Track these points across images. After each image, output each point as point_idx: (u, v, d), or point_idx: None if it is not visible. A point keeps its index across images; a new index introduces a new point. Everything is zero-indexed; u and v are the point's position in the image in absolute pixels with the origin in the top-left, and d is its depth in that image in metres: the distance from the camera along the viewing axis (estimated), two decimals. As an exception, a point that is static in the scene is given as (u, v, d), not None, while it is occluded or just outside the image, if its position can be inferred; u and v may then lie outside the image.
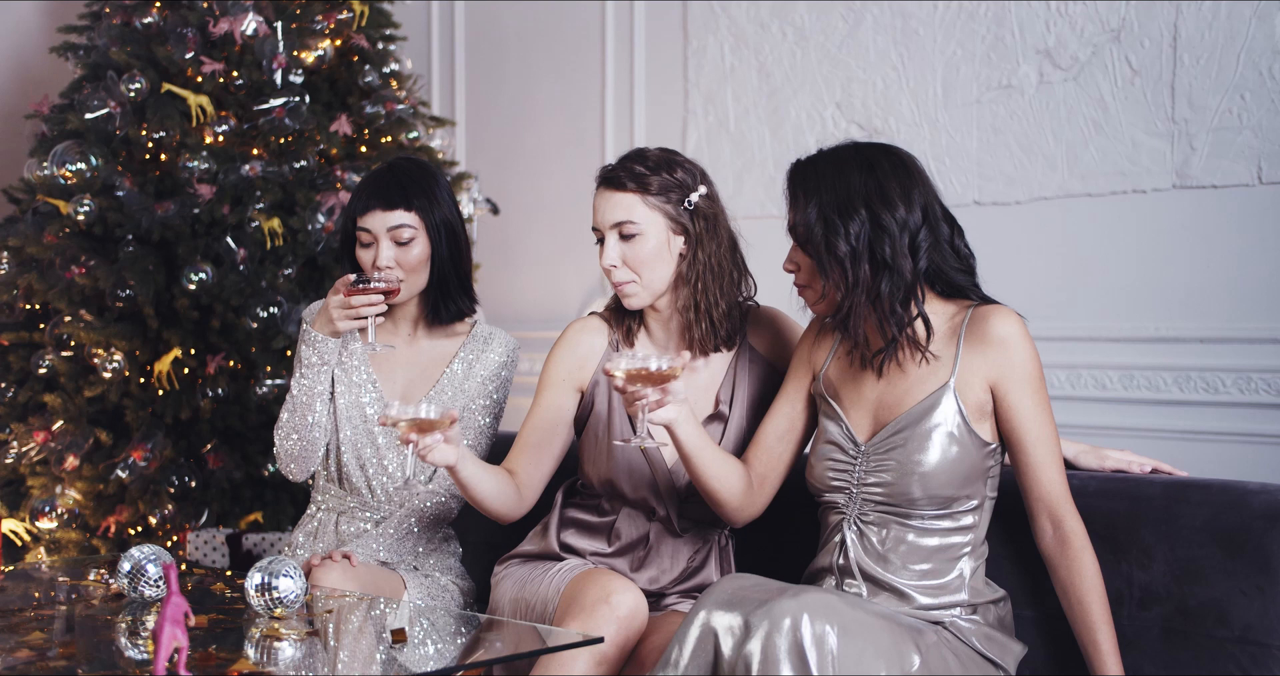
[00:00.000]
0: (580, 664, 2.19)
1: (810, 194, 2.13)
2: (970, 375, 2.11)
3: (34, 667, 1.85)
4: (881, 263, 2.09)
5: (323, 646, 1.97)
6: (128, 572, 2.21)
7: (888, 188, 2.11)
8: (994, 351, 2.10)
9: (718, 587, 2.03)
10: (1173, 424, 3.18)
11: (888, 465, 2.12)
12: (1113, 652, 2.06)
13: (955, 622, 2.10)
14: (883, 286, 2.09)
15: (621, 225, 2.34)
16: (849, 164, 2.14)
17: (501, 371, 2.71)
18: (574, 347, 2.48)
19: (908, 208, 2.11)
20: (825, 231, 2.10)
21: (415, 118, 3.96)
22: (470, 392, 2.67)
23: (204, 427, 3.58)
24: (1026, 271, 3.39)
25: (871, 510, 2.14)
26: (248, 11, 3.66)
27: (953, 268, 2.15)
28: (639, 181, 2.34)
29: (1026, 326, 2.12)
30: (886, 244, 2.09)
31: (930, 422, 2.10)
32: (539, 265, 4.65)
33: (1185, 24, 3.16)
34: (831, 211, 2.10)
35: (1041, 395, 2.11)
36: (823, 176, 2.14)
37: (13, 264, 3.72)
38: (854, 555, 2.14)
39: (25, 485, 3.68)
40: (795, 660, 1.86)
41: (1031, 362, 2.10)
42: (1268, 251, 3.05)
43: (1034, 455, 2.10)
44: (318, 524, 2.70)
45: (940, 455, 2.09)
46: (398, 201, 2.58)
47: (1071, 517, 2.10)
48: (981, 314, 2.13)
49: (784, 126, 3.92)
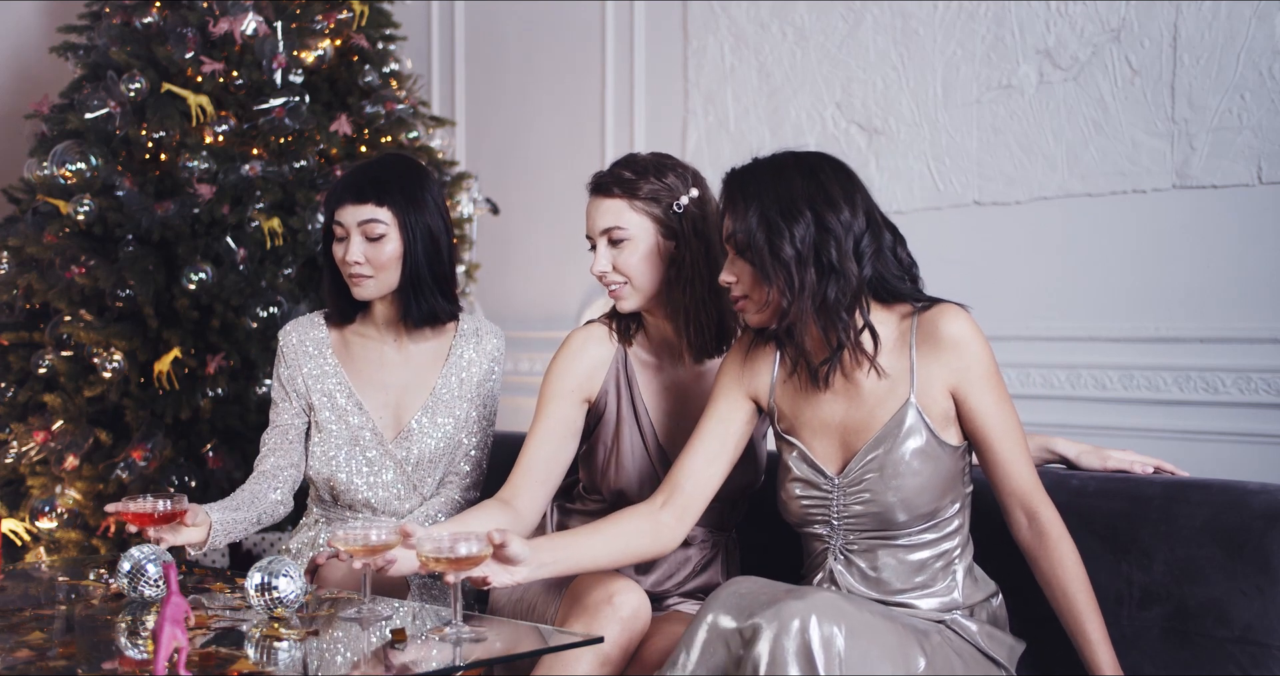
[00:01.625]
0: (583, 664, 2.19)
1: (750, 198, 2.07)
2: (929, 384, 2.08)
3: (34, 667, 1.85)
4: (828, 267, 2.04)
5: (323, 646, 1.97)
6: (128, 572, 2.21)
7: (831, 190, 2.06)
8: (948, 354, 2.06)
9: (725, 590, 2.03)
10: (1173, 424, 3.18)
11: (865, 495, 2.10)
12: (1103, 642, 2.04)
13: (958, 621, 2.10)
14: (829, 291, 2.04)
15: (610, 231, 2.34)
16: (789, 169, 2.09)
17: (494, 368, 2.71)
18: (580, 358, 2.43)
19: (852, 211, 2.06)
20: (769, 234, 2.04)
21: (415, 118, 3.96)
22: (467, 396, 2.67)
23: (204, 427, 3.58)
24: (1026, 271, 3.39)
25: (857, 538, 2.13)
26: (248, 11, 3.66)
27: (894, 275, 2.10)
28: (626, 186, 2.34)
29: (973, 318, 2.08)
30: (833, 247, 2.04)
31: (900, 445, 2.07)
32: (539, 265, 4.65)
33: (1185, 24, 3.16)
34: (774, 214, 2.04)
35: (1000, 390, 2.08)
36: (762, 181, 2.08)
37: (13, 264, 3.72)
38: (843, 585, 2.14)
39: (25, 485, 3.68)
40: (803, 661, 1.86)
41: (986, 358, 2.07)
42: (1268, 251, 3.05)
43: (1001, 451, 2.08)
44: (316, 534, 2.70)
45: (917, 475, 2.07)
46: (369, 195, 2.54)
47: (1045, 508, 2.08)
48: (928, 317, 2.09)
49: (784, 126, 3.92)
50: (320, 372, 2.67)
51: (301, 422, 2.69)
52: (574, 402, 2.41)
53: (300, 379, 2.67)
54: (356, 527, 2.09)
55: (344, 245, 2.56)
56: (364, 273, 2.56)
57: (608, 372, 2.43)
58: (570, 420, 2.41)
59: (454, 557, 1.95)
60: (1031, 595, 2.15)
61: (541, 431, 2.40)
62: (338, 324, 2.72)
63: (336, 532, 2.10)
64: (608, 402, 2.43)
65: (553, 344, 4.55)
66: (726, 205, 2.12)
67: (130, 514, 2.31)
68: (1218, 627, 2.07)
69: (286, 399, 2.68)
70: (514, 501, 2.34)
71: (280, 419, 2.69)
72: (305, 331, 2.70)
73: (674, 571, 2.43)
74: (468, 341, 2.69)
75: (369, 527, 2.09)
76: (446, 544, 1.94)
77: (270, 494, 2.59)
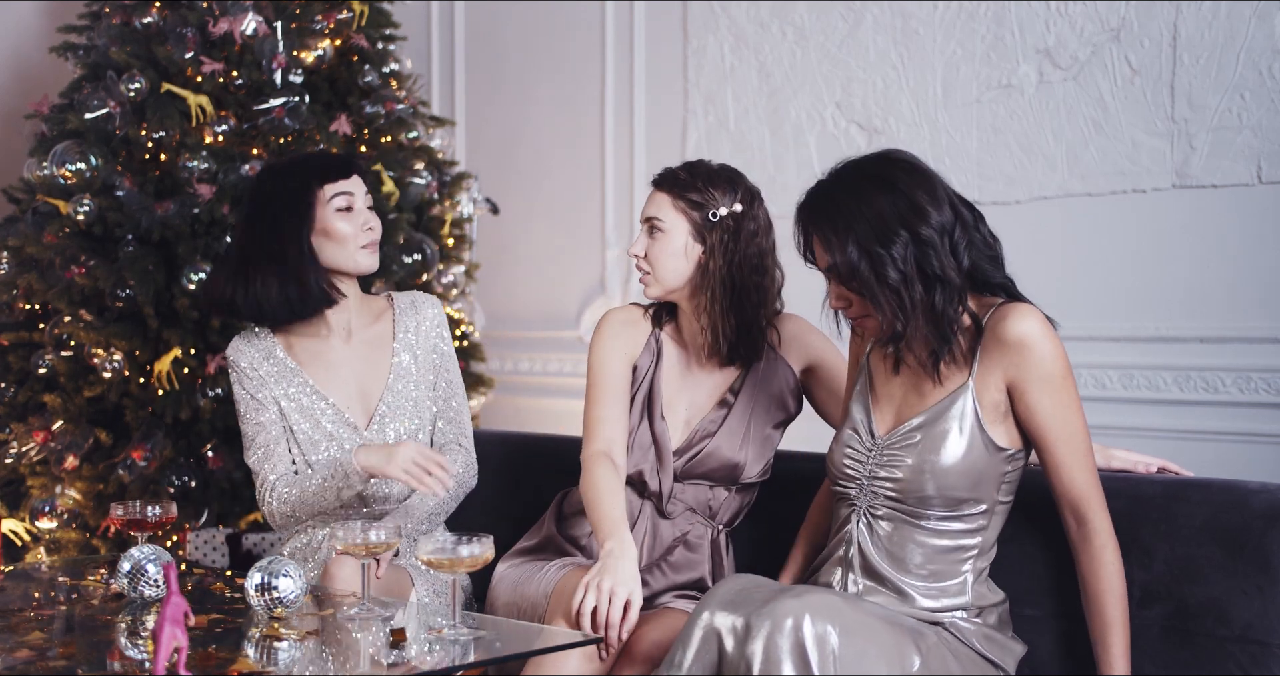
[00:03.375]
0: (571, 663, 2.21)
1: (841, 231, 2.05)
2: (987, 375, 2.08)
3: (34, 667, 1.85)
4: (933, 277, 2.04)
5: (322, 646, 1.97)
6: (128, 572, 2.21)
7: (915, 198, 2.04)
8: (1010, 353, 2.05)
9: (720, 588, 2.03)
10: (1173, 424, 3.17)
11: (899, 462, 2.10)
12: (1122, 656, 2.04)
13: (955, 623, 2.09)
14: (937, 300, 2.04)
15: (652, 220, 2.48)
16: (865, 187, 2.06)
17: (442, 332, 2.75)
18: (626, 327, 2.56)
19: (938, 209, 2.05)
20: (871, 264, 2.03)
21: (415, 117, 3.96)
22: (425, 365, 2.71)
23: (204, 427, 3.58)
24: (1026, 271, 3.36)
25: (882, 504, 2.13)
26: (247, 11, 3.66)
27: (986, 258, 2.10)
28: (677, 185, 2.47)
29: (1048, 324, 2.07)
30: (933, 257, 2.03)
31: (945, 423, 2.08)
32: (539, 265, 4.65)
33: (1185, 24, 3.16)
34: (871, 243, 2.02)
35: (1065, 394, 2.05)
36: (846, 209, 2.05)
37: (13, 264, 3.72)
38: (862, 549, 2.13)
39: (25, 485, 3.68)
40: (797, 660, 1.86)
41: (1050, 362, 2.04)
42: (1268, 251, 3.05)
43: (1056, 454, 2.07)
44: (308, 540, 2.67)
45: (951, 456, 2.07)
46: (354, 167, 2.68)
47: (1095, 516, 2.07)
48: (1002, 313, 2.08)
49: (784, 126, 3.93)
50: (281, 378, 2.66)
51: (282, 424, 2.67)
52: (626, 365, 2.53)
53: (266, 389, 2.66)
54: (356, 528, 2.10)
55: (354, 213, 2.63)
56: (376, 238, 2.66)
57: (645, 346, 2.55)
58: (626, 379, 2.52)
59: (455, 558, 1.97)
60: (1033, 600, 2.15)
61: (608, 390, 2.50)
62: (281, 329, 2.70)
63: (337, 533, 2.10)
64: (639, 372, 2.54)
65: (553, 344, 4.58)
66: (814, 238, 2.11)
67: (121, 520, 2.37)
68: (1218, 627, 2.08)
69: (260, 407, 2.65)
70: (616, 458, 2.45)
71: (261, 420, 2.65)
72: (253, 343, 2.69)
73: (648, 548, 2.48)
74: (408, 315, 2.74)
75: (369, 528, 2.09)
76: (449, 544, 1.96)
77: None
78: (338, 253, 2.63)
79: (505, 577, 2.52)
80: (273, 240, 2.60)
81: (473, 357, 4.17)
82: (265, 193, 2.65)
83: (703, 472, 2.49)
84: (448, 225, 4.07)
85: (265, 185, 2.67)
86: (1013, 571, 2.24)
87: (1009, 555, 2.24)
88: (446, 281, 4.06)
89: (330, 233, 2.62)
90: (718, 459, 2.48)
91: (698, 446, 2.48)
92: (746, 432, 2.49)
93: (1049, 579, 2.22)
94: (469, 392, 4.07)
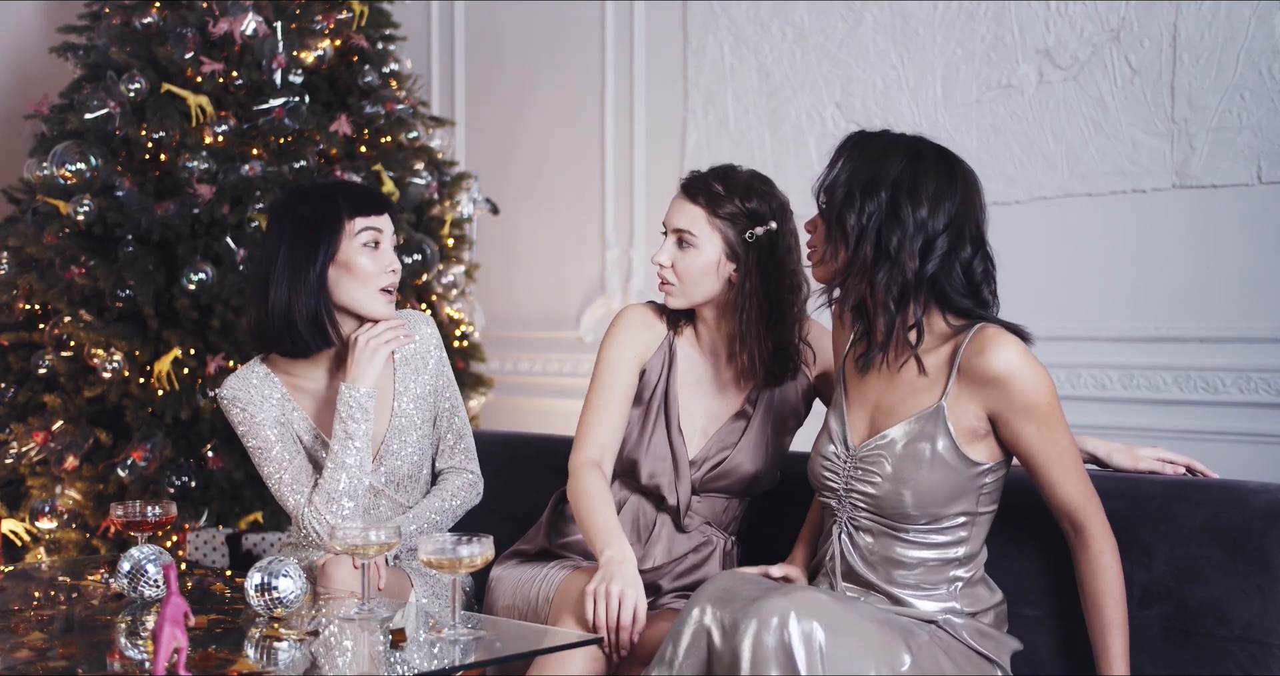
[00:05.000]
0: (576, 663, 2.20)
1: (849, 161, 2.09)
2: (964, 402, 2.05)
3: (34, 667, 1.85)
4: (884, 251, 2.04)
5: (322, 646, 1.97)
6: (128, 572, 2.21)
7: (921, 183, 2.05)
8: (991, 387, 2.02)
9: (712, 584, 2.03)
10: (1173, 424, 3.17)
11: (873, 477, 2.09)
12: (1122, 656, 2.04)
13: (949, 619, 2.09)
14: (879, 275, 2.04)
15: (682, 232, 2.38)
16: (899, 150, 2.09)
17: (439, 354, 2.66)
18: (638, 327, 2.49)
19: (932, 211, 2.04)
20: (843, 201, 2.06)
21: (415, 117, 3.96)
22: (426, 391, 2.63)
23: (204, 427, 3.58)
24: (1026, 271, 3.39)
25: (863, 517, 2.12)
26: (247, 11, 3.66)
27: (955, 289, 2.06)
28: (712, 199, 2.37)
29: (1028, 353, 2.02)
30: (895, 235, 2.03)
31: (917, 444, 2.06)
32: (539, 265, 4.65)
33: (1185, 24, 3.16)
34: (856, 185, 2.06)
35: (1051, 421, 2.02)
36: (870, 151, 2.09)
37: (13, 264, 3.72)
38: (847, 560, 2.13)
39: (25, 485, 3.68)
40: (782, 658, 1.86)
41: (1034, 393, 2.01)
42: (1268, 251, 3.05)
43: (1047, 474, 2.06)
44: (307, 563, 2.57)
45: (926, 476, 2.05)
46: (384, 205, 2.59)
47: (1093, 523, 2.06)
48: (979, 340, 2.03)
49: (784, 126, 3.92)
50: (282, 414, 2.56)
51: (295, 447, 2.57)
52: (633, 369, 2.47)
53: (269, 427, 2.54)
54: (356, 528, 2.10)
55: (379, 251, 2.53)
56: (396, 281, 2.56)
57: (657, 349, 2.48)
58: (631, 385, 2.46)
59: (455, 558, 1.97)
60: (1033, 600, 2.15)
61: (609, 394, 2.44)
62: (280, 365, 2.59)
63: (336, 533, 2.10)
64: (649, 376, 2.47)
65: (553, 344, 4.58)
66: (833, 157, 2.13)
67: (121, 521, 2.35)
68: (1218, 627, 2.08)
69: (270, 429, 2.54)
70: (606, 467, 2.41)
71: (278, 448, 2.54)
72: (249, 381, 2.56)
73: (660, 557, 2.45)
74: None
75: (369, 528, 2.09)
76: (449, 544, 1.96)
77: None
78: (355, 289, 2.51)
79: (504, 580, 2.50)
80: (289, 260, 2.49)
81: (473, 358, 4.17)
82: (292, 213, 2.53)
83: (722, 486, 2.45)
84: (448, 225, 4.07)
85: (294, 206, 2.55)
86: (1012, 572, 2.24)
87: (1008, 555, 2.24)
88: (446, 281, 4.06)
89: (352, 267, 2.50)
90: (739, 473, 2.44)
91: (716, 458, 2.44)
92: (765, 444, 2.45)
93: (1047, 579, 2.22)
94: (469, 393, 4.08)
